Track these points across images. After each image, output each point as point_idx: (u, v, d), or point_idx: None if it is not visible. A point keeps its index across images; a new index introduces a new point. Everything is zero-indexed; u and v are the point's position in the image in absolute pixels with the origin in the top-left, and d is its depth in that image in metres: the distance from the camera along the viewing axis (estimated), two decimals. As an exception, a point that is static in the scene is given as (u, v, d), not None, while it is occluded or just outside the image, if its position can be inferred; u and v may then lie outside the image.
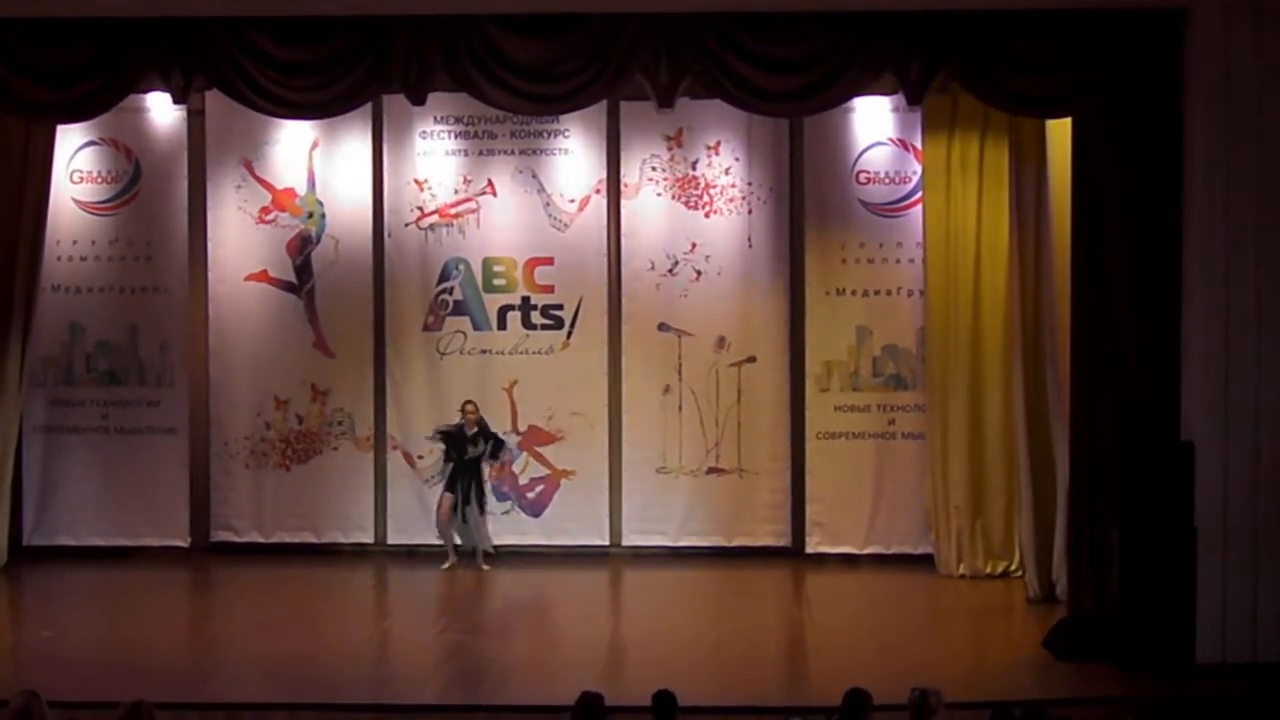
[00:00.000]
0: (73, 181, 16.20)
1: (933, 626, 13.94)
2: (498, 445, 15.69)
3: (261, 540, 16.30)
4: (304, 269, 16.30)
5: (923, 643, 13.22)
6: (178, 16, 12.74)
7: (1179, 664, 11.93)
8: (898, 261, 15.86)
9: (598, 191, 16.17)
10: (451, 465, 15.59)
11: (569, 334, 16.24)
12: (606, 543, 16.17)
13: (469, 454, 15.52)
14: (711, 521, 16.15)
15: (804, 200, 15.97)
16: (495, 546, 15.73)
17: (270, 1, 12.51)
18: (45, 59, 12.88)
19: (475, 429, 15.57)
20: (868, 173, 15.91)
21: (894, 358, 15.89)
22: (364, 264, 16.27)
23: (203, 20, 12.77)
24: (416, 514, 16.18)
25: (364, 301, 16.29)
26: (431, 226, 16.25)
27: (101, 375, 16.25)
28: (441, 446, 15.73)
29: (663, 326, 16.12)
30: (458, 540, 15.66)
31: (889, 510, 15.87)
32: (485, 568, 15.54)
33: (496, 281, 16.25)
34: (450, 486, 15.55)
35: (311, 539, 16.30)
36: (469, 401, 15.68)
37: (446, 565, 15.61)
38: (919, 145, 15.50)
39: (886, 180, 15.92)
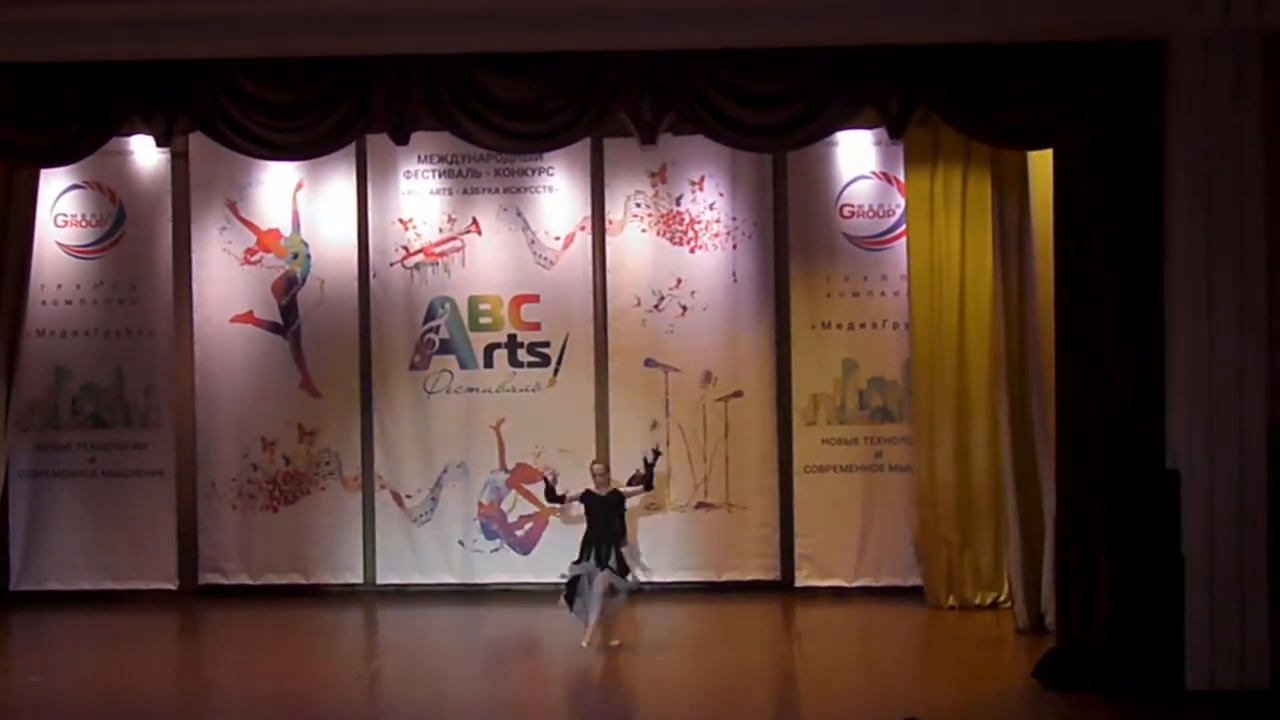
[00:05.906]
0: (57, 225, 16.21)
1: (923, 658, 13.94)
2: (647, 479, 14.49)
3: (250, 582, 16.27)
4: (290, 310, 16.30)
5: (913, 674, 13.24)
6: (160, 59, 12.73)
7: (1169, 692, 11.93)
8: (883, 294, 15.89)
9: (582, 228, 16.20)
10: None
11: (556, 371, 16.24)
12: (596, 579, 16.14)
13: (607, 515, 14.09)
14: (701, 556, 16.13)
15: (788, 235, 16.01)
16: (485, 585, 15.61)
17: (253, 43, 12.46)
18: (27, 103, 12.83)
19: (607, 489, 14.30)
20: (851, 206, 15.95)
21: (880, 390, 15.90)
22: (350, 304, 16.28)
23: (185, 63, 12.75)
24: (405, 554, 16.17)
25: (350, 341, 16.29)
26: (417, 266, 16.26)
27: (87, 419, 16.22)
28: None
29: (649, 362, 16.13)
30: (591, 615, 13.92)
31: (878, 542, 15.86)
32: (615, 643, 14.02)
33: (483, 320, 16.26)
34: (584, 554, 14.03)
35: (300, 580, 16.25)
36: (596, 461, 14.72)
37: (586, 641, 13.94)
38: (902, 178, 15.56)
39: (870, 214, 15.96)
